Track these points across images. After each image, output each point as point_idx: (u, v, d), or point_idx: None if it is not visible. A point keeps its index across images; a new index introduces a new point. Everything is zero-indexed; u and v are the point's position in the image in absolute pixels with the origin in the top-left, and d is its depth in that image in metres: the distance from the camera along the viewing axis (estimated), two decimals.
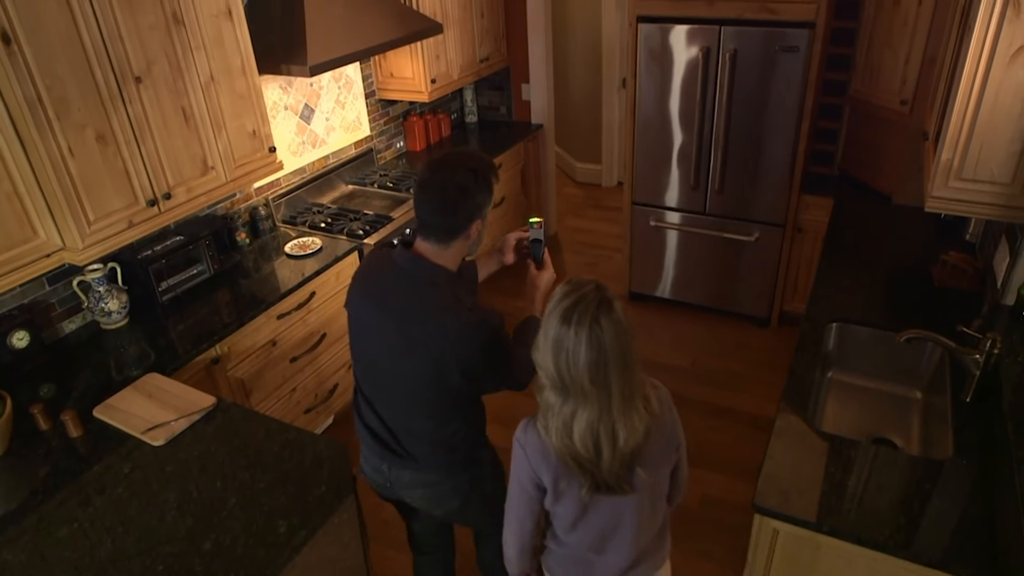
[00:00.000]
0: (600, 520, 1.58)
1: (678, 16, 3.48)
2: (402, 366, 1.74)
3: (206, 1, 2.58)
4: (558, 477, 1.51)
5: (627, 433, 1.42)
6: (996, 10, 1.86)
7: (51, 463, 2.04)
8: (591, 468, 1.45)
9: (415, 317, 1.70)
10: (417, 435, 1.85)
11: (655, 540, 1.69)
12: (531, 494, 1.57)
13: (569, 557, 1.69)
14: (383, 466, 1.94)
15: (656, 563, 1.72)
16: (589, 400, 1.39)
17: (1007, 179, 2.05)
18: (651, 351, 3.94)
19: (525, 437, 1.54)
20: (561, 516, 1.60)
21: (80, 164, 2.28)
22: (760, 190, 3.69)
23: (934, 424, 2.22)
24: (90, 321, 2.73)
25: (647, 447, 1.48)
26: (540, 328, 1.44)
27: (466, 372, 1.70)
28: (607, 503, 1.54)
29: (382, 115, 4.18)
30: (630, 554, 1.64)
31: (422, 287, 1.71)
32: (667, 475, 1.63)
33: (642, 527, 1.62)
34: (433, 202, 1.67)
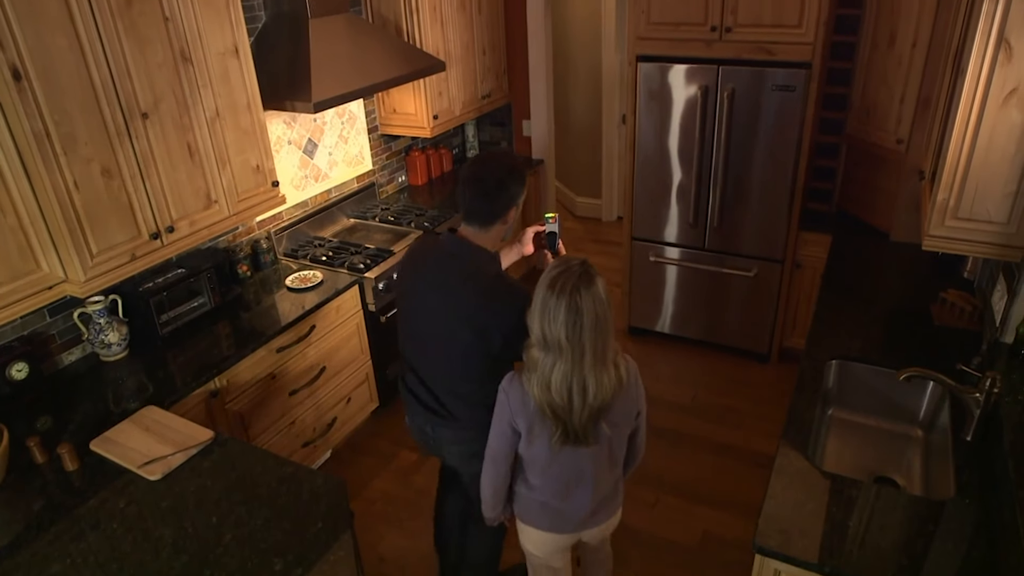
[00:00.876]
0: (565, 468, 1.86)
1: (677, 56, 3.55)
2: (448, 335, 2.00)
3: (214, 39, 2.63)
4: (532, 424, 1.79)
5: (596, 388, 1.70)
6: (988, 54, 1.90)
7: (46, 497, 2.03)
8: (564, 417, 1.73)
9: (461, 291, 1.96)
10: (459, 396, 2.09)
11: (611, 494, 1.99)
12: (508, 437, 1.86)
13: (537, 502, 1.96)
14: (427, 427, 2.20)
15: (611, 512, 2.04)
16: (564, 355, 1.67)
17: (1003, 219, 2.07)
18: (650, 386, 3.92)
19: (509, 387, 1.82)
20: (531, 462, 1.89)
21: (85, 197, 2.30)
22: (759, 226, 3.72)
23: (935, 463, 2.20)
24: (90, 353, 2.73)
25: (613, 407, 1.76)
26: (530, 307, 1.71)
27: (506, 337, 1.93)
28: (572, 454, 1.82)
29: (384, 150, 4.23)
30: (590, 503, 1.93)
31: (466, 265, 1.98)
32: (626, 436, 1.92)
33: (600, 478, 1.91)
34: (477, 192, 1.95)
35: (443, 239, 2.05)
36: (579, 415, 1.72)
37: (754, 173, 3.60)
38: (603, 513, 2.00)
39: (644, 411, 1.95)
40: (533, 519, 2.01)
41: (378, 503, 3.21)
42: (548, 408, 1.72)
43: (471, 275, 1.97)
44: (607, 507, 2.01)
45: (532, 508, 1.99)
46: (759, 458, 3.35)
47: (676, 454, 3.42)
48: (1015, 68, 1.88)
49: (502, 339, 1.94)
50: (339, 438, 3.41)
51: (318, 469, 2.33)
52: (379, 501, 3.22)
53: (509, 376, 1.84)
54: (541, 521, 2.00)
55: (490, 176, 1.95)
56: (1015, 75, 1.89)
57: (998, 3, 1.83)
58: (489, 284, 1.97)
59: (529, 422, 1.79)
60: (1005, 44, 1.87)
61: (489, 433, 1.90)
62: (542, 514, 1.98)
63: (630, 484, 3.18)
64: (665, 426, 3.61)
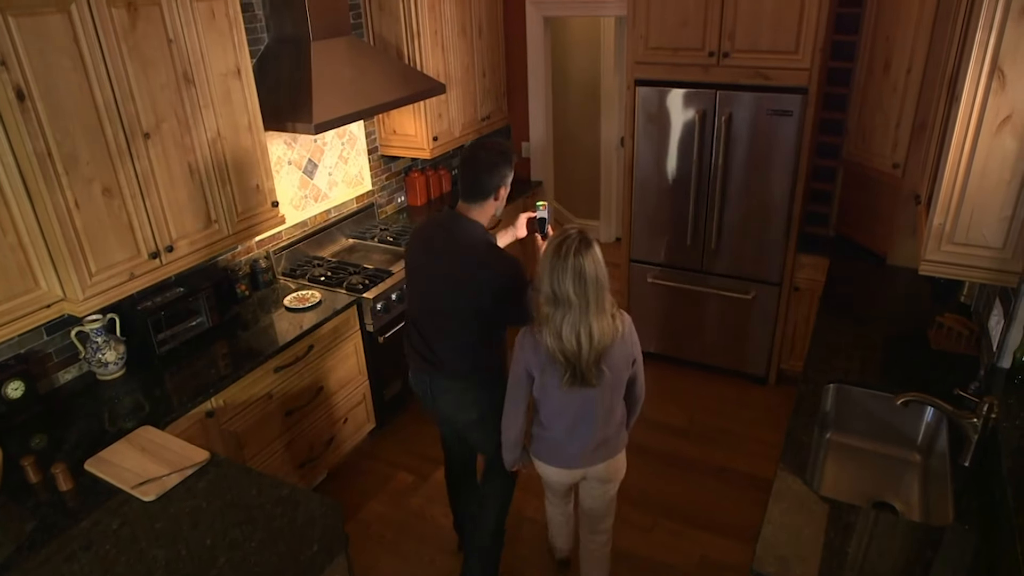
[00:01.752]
0: (572, 407, 2.19)
1: (675, 80, 3.58)
2: (449, 297, 2.32)
3: (216, 61, 2.66)
4: (544, 368, 2.12)
5: (599, 333, 2.03)
6: (982, 82, 1.92)
7: (39, 517, 2.01)
8: (574, 360, 2.05)
9: (460, 258, 2.29)
10: (455, 351, 2.40)
11: (612, 436, 2.31)
12: (524, 382, 2.20)
13: (551, 440, 2.29)
14: (426, 378, 2.49)
15: (611, 452, 2.33)
16: (572, 307, 2.00)
17: (999, 244, 2.08)
18: (648, 409, 3.90)
19: (523, 339, 2.16)
20: (544, 403, 2.23)
21: (85, 217, 2.31)
22: (757, 249, 3.73)
23: (934, 488, 2.19)
24: (86, 371, 2.72)
25: (612, 353, 2.10)
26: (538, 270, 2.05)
27: (495, 296, 2.26)
28: (578, 394, 2.13)
29: (384, 170, 4.25)
30: (592, 439, 2.25)
31: (462, 235, 2.30)
32: (624, 380, 2.23)
33: (602, 418, 2.22)
34: (473, 171, 2.27)
35: (444, 214, 2.38)
36: (586, 358, 2.04)
37: (752, 196, 3.62)
38: (604, 451, 2.31)
39: (640, 359, 2.29)
40: (545, 456, 2.35)
41: (374, 525, 3.18)
42: (560, 354, 2.05)
43: (466, 244, 2.29)
44: (608, 446, 2.30)
45: (544, 446, 2.33)
46: (757, 482, 3.33)
47: (673, 477, 3.40)
48: (1008, 96, 1.90)
49: (491, 298, 2.27)
50: (335, 459, 3.39)
51: (314, 490, 2.32)
52: (375, 523, 3.19)
53: (522, 332, 2.17)
54: (551, 458, 2.34)
55: (485, 159, 2.27)
56: (1008, 103, 1.91)
57: (991, 32, 1.86)
58: (482, 251, 2.29)
59: (541, 366, 2.13)
60: (998, 72, 1.89)
61: (507, 384, 2.25)
62: (553, 451, 2.32)
63: (627, 508, 3.18)
64: (662, 449, 3.59)
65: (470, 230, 2.31)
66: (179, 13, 2.48)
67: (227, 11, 2.66)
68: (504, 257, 2.33)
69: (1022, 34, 1.83)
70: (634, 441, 3.61)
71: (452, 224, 2.33)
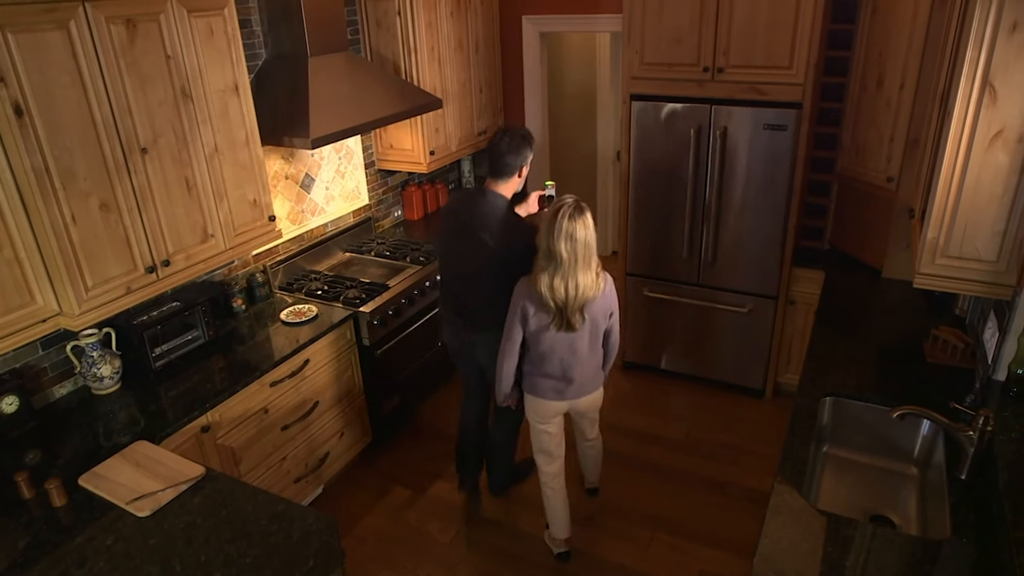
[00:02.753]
0: (559, 348, 2.59)
1: (670, 95, 3.61)
2: (478, 258, 2.72)
3: (214, 77, 2.67)
4: (536, 311, 2.52)
5: (584, 287, 2.44)
6: (973, 97, 1.94)
7: (32, 533, 2.00)
8: (561, 306, 2.46)
9: (490, 225, 2.69)
10: (483, 306, 2.80)
11: (592, 375, 2.72)
12: (518, 322, 2.57)
13: (539, 376, 2.69)
14: (462, 332, 2.93)
15: (593, 388, 2.77)
16: (563, 263, 2.39)
17: (992, 257, 2.09)
18: (645, 422, 3.91)
19: (521, 287, 2.55)
20: (535, 344, 2.60)
21: (82, 231, 2.31)
22: (752, 262, 3.74)
23: (931, 501, 2.19)
24: (82, 386, 2.71)
25: (593, 304, 2.51)
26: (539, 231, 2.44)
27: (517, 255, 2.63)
28: (564, 337, 2.56)
29: (381, 185, 4.26)
30: (576, 376, 2.66)
31: (489, 206, 2.71)
32: (602, 328, 2.64)
33: (583, 358, 2.64)
34: (499, 153, 2.69)
35: (475, 188, 2.83)
36: (571, 306, 2.46)
37: (747, 210, 3.63)
38: (588, 387, 2.74)
39: (616, 314, 2.68)
40: (537, 391, 2.73)
41: (370, 541, 3.16)
42: (551, 301, 2.45)
43: (492, 213, 2.71)
44: (590, 383, 2.74)
45: (536, 383, 2.71)
46: (755, 495, 3.32)
47: (670, 491, 3.39)
48: (1000, 111, 1.92)
49: (513, 258, 2.64)
50: (331, 473, 3.38)
51: (309, 505, 2.30)
52: (371, 539, 3.17)
53: (521, 281, 2.57)
54: (543, 392, 2.71)
55: (509, 142, 2.69)
56: (1000, 118, 1.93)
57: (982, 48, 1.88)
58: (505, 219, 2.71)
59: (535, 308, 2.51)
60: (990, 88, 1.91)
61: (505, 324, 2.61)
62: (543, 386, 2.70)
63: (624, 522, 3.17)
64: (659, 462, 3.58)
65: (497, 202, 2.72)
66: (177, 29, 2.50)
67: (225, 28, 2.68)
68: (524, 225, 2.74)
69: (1012, 50, 1.86)
70: (632, 455, 3.62)
71: (482, 197, 2.75)
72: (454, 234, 2.81)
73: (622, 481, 3.46)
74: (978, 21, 1.86)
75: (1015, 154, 1.95)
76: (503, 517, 3.27)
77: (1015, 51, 1.85)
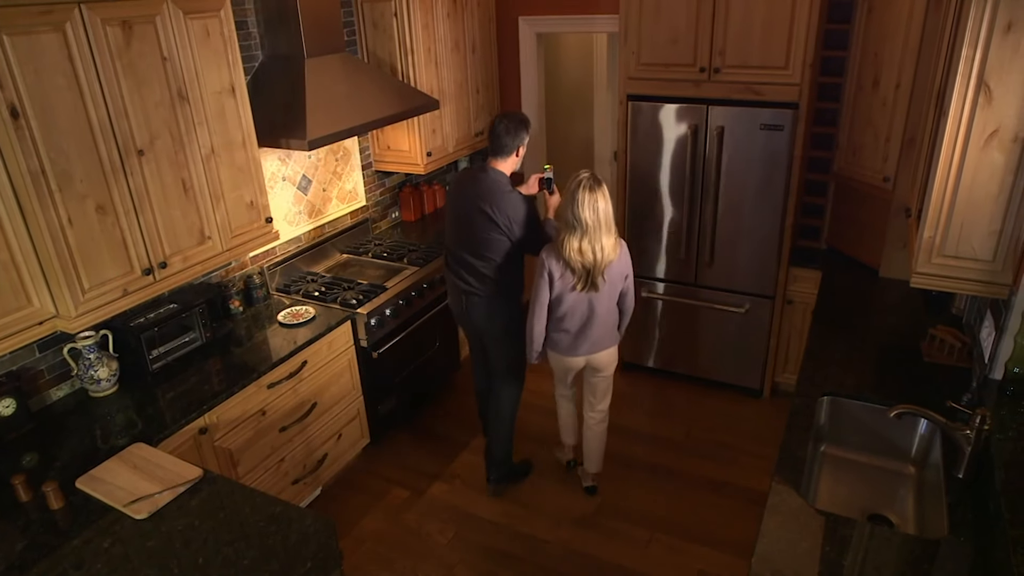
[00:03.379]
0: (581, 308, 2.90)
1: (667, 96, 3.62)
2: (480, 229, 2.99)
3: (211, 78, 2.67)
4: (562, 274, 2.83)
5: (606, 250, 2.77)
6: (969, 97, 1.94)
7: (29, 536, 1.99)
8: (589, 268, 2.77)
9: (489, 196, 2.95)
10: (486, 272, 3.05)
11: (608, 332, 3.03)
12: (546, 285, 2.86)
13: (562, 334, 2.99)
14: (463, 298, 3.16)
15: (608, 344, 3.06)
16: (589, 228, 2.71)
17: (988, 256, 2.09)
18: (643, 423, 3.91)
19: (546, 252, 2.86)
20: (559, 305, 2.90)
21: (78, 234, 2.31)
22: (749, 262, 3.75)
23: (929, 500, 2.19)
24: (78, 388, 2.71)
25: (612, 267, 2.83)
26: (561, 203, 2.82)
27: (518, 226, 2.97)
28: (586, 297, 2.87)
29: (378, 186, 4.26)
30: (595, 333, 2.97)
31: (491, 182, 2.99)
32: (618, 289, 2.95)
33: (602, 317, 2.94)
34: (501, 134, 2.97)
35: (478, 166, 3.10)
36: (596, 268, 2.77)
37: (744, 210, 3.64)
38: (603, 343, 3.03)
39: (631, 276, 2.98)
40: (559, 348, 3.04)
41: (368, 542, 3.16)
42: (579, 264, 2.77)
43: (494, 188, 2.98)
44: (606, 340, 3.03)
45: (558, 340, 3.01)
46: (753, 495, 3.32)
47: (669, 491, 3.39)
48: (995, 110, 1.93)
49: (514, 227, 2.96)
50: (329, 475, 3.38)
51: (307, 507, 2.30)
52: (369, 540, 3.17)
53: (547, 247, 2.87)
54: (563, 347, 3.02)
55: (507, 126, 2.98)
56: (995, 117, 1.93)
57: (977, 48, 1.89)
58: (504, 192, 2.98)
59: (560, 272, 2.82)
60: (985, 87, 1.92)
61: (533, 289, 2.92)
62: (564, 342, 3.01)
63: (623, 523, 3.17)
64: (658, 463, 3.58)
65: (497, 178, 3.01)
66: (173, 31, 2.50)
67: (221, 29, 2.68)
68: (521, 198, 3.01)
69: (1007, 50, 1.86)
70: (630, 455, 3.62)
71: (483, 173, 3.03)
72: (459, 205, 3.07)
73: (621, 481, 3.46)
74: (973, 21, 1.86)
75: (1010, 153, 1.95)
76: (503, 518, 3.26)
77: (1010, 51, 1.86)
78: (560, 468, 3.57)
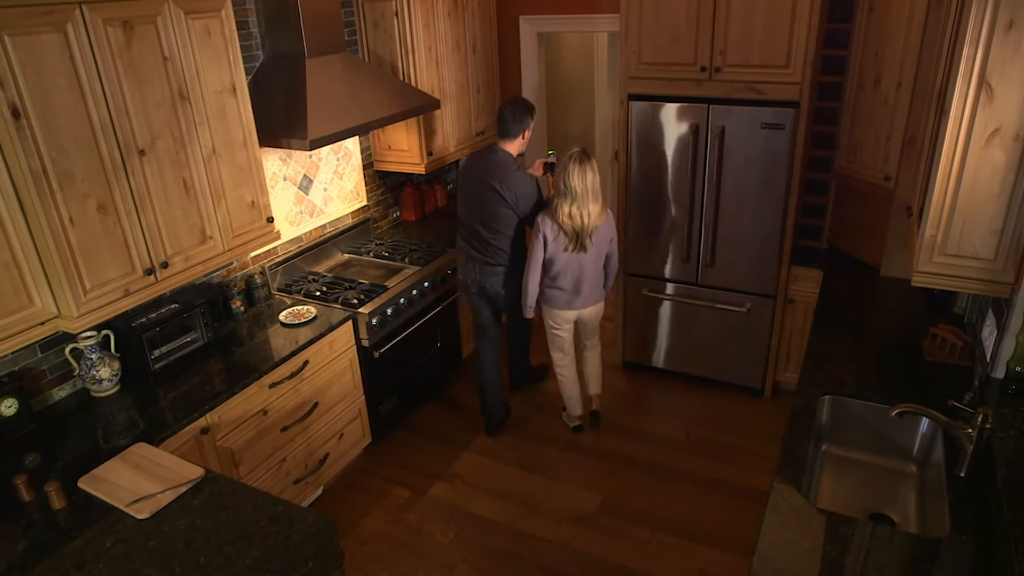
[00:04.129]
0: (572, 267, 3.32)
1: (668, 95, 3.61)
2: (490, 203, 3.37)
3: (212, 78, 2.67)
4: (555, 237, 3.25)
5: (592, 216, 3.20)
6: (970, 96, 1.94)
7: (31, 536, 2.00)
8: (578, 230, 3.21)
9: (498, 174, 3.33)
10: (497, 243, 3.44)
11: (596, 289, 3.45)
12: (540, 244, 3.27)
13: (556, 291, 3.41)
14: (476, 267, 3.53)
15: (596, 300, 3.50)
16: (578, 196, 3.16)
17: (990, 255, 2.09)
18: (644, 422, 3.91)
19: (542, 217, 3.27)
20: (553, 264, 3.32)
21: (80, 234, 2.31)
22: (751, 262, 3.75)
23: (930, 499, 2.19)
24: (80, 388, 2.71)
25: (599, 231, 3.27)
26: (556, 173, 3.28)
27: (523, 199, 3.36)
28: (576, 257, 3.30)
29: (379, 186, 4.26)
30: (584, 289, 3.41)
31: (500, 161, 3.37)
32: (604, 251, 3.38)
33: (590, 274, 3.37)
34: (508, 118, 3.33)
35: (488, 147, 3.48)
36: (584, 231, 3.21)
37: (745, 209, 3.64)
38: (592, 298, 3.46)
39: (616, 240, 3.42)
40: (553, 303, 3.45)
41: (369, 542, 3.16)
42: (570, 228, 3.21)
43: (502, 166, 3.35)
44: (594, 295, 3.46)
45: (553, 296, 3.43)
46: (754, 494, 3.32)
47: (670, 490, 3.39)
48: (996, 109, 1.92)
49: (520, 201, 3.35)
50: (331, 475, 3.38)
51: (309, 507, 2.31)
52: (370, 540, 3.17)
53: (542, 214, 3.27)
54: (559, 303, 3.44)
55: (516, 109, 3.34)
56: (997, 116, 1.93)
57: (978, 47, 1.88)
58: (513, 171, 3.35)
59: (554, 234, 3.25)
60: (986, 86, 1.91)
61: (529, 250, 3.35)
62: (559, 298, 3.42)
63: (624, 522, 3.17)
64: (659, 462, 3.58)
65: (505, 157, 3.36)
66: (174, 31, 2.50)
67: (222, 29, 2.68)
68: (525, 175, 3.39)
69: (1009, 48, 1.86)
70: (631, 454, 3.62)
71: (492, 153, 3.39)
72: (471, 182, 3.42)
73: (621, 480, 3.46)
74: (974, 19, 1.86)
75: (1012, 152, 1.95)
76: (504, 518, 3.27)
77: (1011, 49, 1.86)
78: (561, 466, 3.57)
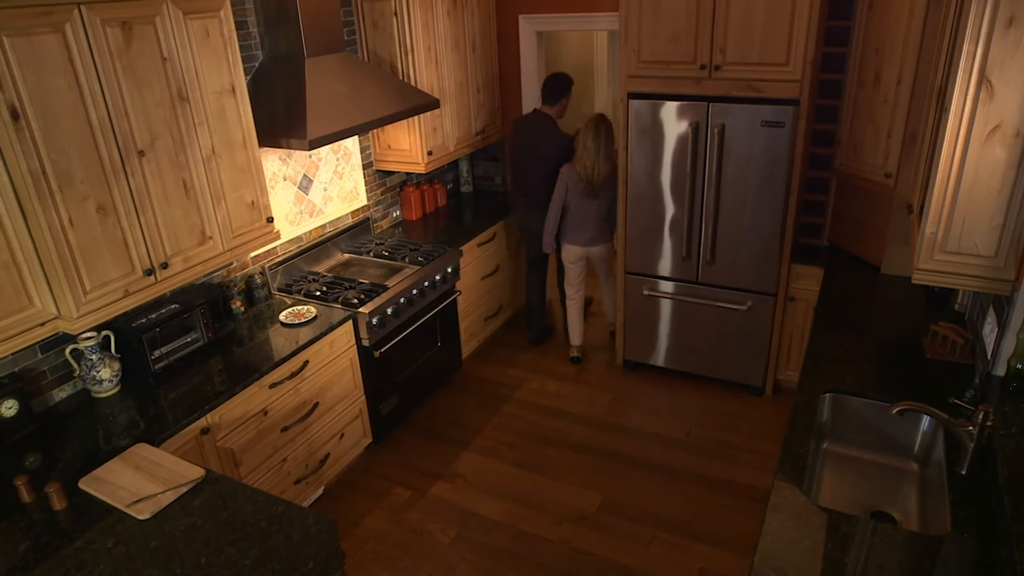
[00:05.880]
0: (585, 210, 4.05)
1: (667, 93, 3.61)
2: (537, 157, 4.16)
3: (211, 79, 2.67)
4: (574, 185, 3.99)
5: (604, 168, 3.93)
6: (970, 92, 1.94)
7: (32, 537, 2.00)
8: (591, 179, 3.93)
9: (542, 133, 4.13)
10: (541, 191, 4.21)
11: (602, 231, 4.16)
12: (562, 193, 4.03)
13: (571, 230, 4.15)
14: (528, 211, 4.29)
15: (604, 240, 4.21)
16: (591, 153, 3.90)
17: (991, 252, 2.09)
18: (645, 421, 3.91)
19: (565, 169, 4.00)
20: (570, 209, 4.07)
21: (79, 235, 2.31)
22: (751, 260, 3.74)
23: (931, 497, 2.19)
24: (81, 389, 2.71)
25: (606, 180, 3.98)
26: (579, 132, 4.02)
27: (563, 153, 4.10)
28: (589, 203, 4.02)
29: (379, 185, 4.26)
30: (593, 230, 4.13)
31: (542, 122, 4.15)
32: (607, 200, 4.05)
33: (597, 218, 4.10)
34: (548, 88, 4.11)
35: (533, 111, 4.21)
36: (595, 179, 3.93)
37: (745, 207, 3.63)
38: (600, 239, 4.18)
39: (616, 190, 3.99)
40: (569, 239, 4.17)
41: (370, 542, 3.16)
42: (585, 177, 3.93)
43: (543, 126, 4.13)
44: (601, 237, 4.17)
45: (569, 234, 4.16)
46: (755, 493, 3.32)
47: (671, 490, 3.39)
48: (997, 106, 1.92)
49: (561, 154, 4.09)
50: (331, 475, 3.38)
51: (310, 507, 2.31)
52: (371, 540, 3.17)
53: (565, 165, 3.99)
54: (574, 239, 4.15)
55: (554, 83, 4.10)
56: (997, 112, 1.93)
57: (978, 43, 1.88)
58: (552, 129, 4.13)
59: (574, 182, 3.98)
60: (987, 83, 1.91)
61: (554, 194, 4.08)
62: (573, 235, 4.15)
63: (625, 521, 3.18)
64: (660, 461, 3.58)
65: (547, 119, 4.13)
66: (173, 32, 2.50)
67: (221, 29, 2.68)
68: (564, 135, 4.12)
69: (1009, 45, 1.85)
70: (632, 453, 3.62)
71: (536, 116, 4.15)
72: (520, 140, 4.19)
73: (622, 479, 3.46)
74: (974, 16, 1.86)
75: (1012, 149, 1.95)
76: (505, 517, 3.27)
77: (1011, 46, 1.85)
78: (561, 465, 3.57)
